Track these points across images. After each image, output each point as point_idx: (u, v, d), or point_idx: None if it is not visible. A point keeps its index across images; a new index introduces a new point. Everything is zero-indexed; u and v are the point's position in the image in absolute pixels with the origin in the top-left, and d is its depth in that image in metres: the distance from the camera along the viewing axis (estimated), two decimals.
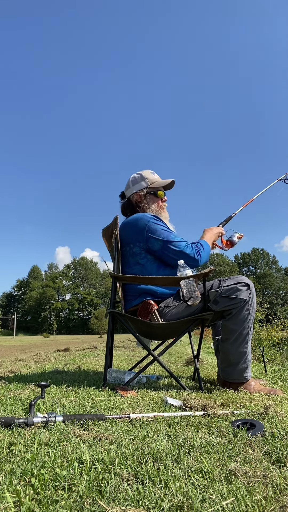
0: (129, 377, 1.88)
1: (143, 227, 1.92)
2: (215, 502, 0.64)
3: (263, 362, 2.74)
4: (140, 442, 0.95)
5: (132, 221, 1.99)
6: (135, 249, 1.95)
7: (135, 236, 1.95)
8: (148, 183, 2.11)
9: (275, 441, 0.95)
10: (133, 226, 1.97)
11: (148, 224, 1.92)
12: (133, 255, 1.97)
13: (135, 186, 2.12)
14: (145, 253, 1.94)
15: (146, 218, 1.95)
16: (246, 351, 1.75)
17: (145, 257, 1.95)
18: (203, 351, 5.09)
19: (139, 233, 1.93)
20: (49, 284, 76.94)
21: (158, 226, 1.92)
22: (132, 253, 1.97)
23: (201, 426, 1.11)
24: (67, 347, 8.16)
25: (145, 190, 2.10)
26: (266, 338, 10.13)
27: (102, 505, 0.64)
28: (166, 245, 1.89)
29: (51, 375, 2.45)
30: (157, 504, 0.64)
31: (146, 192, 2.09)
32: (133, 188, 2.12)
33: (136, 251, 1.95)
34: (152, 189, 2.10)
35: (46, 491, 0.68)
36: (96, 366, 3.22)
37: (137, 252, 1.95)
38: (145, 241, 1.92)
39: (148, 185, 2.10)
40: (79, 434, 1.02)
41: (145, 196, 2.09)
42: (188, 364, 3.36)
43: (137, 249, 1.95)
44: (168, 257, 1.91)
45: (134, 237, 1.95)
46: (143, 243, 1.93)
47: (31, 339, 34.34)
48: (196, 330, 6.76)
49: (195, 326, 1.87)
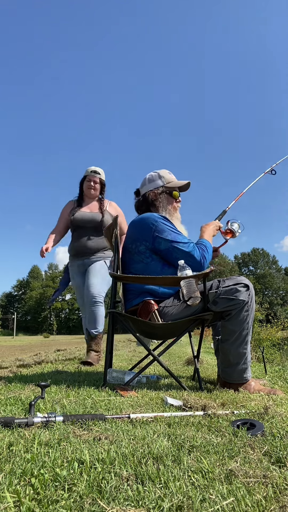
0: (129, 377, 1.88)
1: (150, 226, 1.92)
2: (215, 502, 0.64)
3: (263, 362, 2.74)
4: (140, 442, 0.95)
5: (140, 219, 1.99)
6: (141, 248, 1.95)
7: (142, 234, 1.95)
8: (164, 182, 2.11)
9: (275, 441, 0.95)
10: (140, 224, 1.97)
11: (156, 223, 1.92)
12: (138, 253, 1.96)
13: (151, 184, 2.12)
14: (150, 252, 1.94)
15: (154, 217, 1.94)
16: (246, 352, 1.75)
17: (150, 256, 1.94)
18: (203, 351, 5.08)
19: (145, 232, 1.93)
20: (49, 284, 76.90)
21: (166, 226, 1.92)
22: (137, 251, 1.97)
23: (201, 426, 1.11)
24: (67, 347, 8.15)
25: (161, 188, 2.10)
26: (266, 338, 10.14)
27: (102, 505, 0.64)
28: (173, 246, 1.89)
29: (51, 375, 2.45)
30: (157, 504, 0.64)
31: (162, 191, 2.09)
32: (149, 185, 2.12)
33: (141, 250, 1.95)
34: (167, 188, 2.10)
35: (46, 491, 0.68)
36: (96, 366, 3.22)
37: (142, 250, 1.95)
38: (152, 240, 1.91)
39: (164, 184, 2.11)
40: (79, 434, 1.02)
41: (160, 195, 2.09)
42: (188, 364, 3.36)
43: (142, 247, 1.95)
44: (173, 258, 1.90)
45: (141, 235, 1.95)
46: (149, 242, 1.92)
47: (31, 339, 34.31)
48: (196, 330, 6.76)
49: (195, 326, 1.87)
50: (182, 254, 1.88)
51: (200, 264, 1.90)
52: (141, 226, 1.96)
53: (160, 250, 1.92)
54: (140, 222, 1.98)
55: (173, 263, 1.92)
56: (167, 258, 1.93)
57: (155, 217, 1.94)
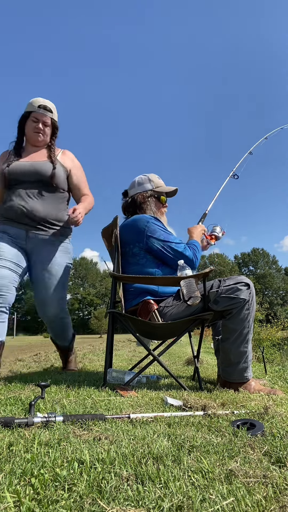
0: (129, 377, 1.88)
1: (143, 227, 1.96)
2: (215, 502, 0.64)
3: (263, 362, 2.74)
4: (140, 442, 0.95)
5: (132, 222, 2.03)
6: (135, 250, 1.99)
7: (135, 236, 1.98)
8: (153, 186, 2.17)
9: (275, 441, 0.95)
10: (133, 226, 2.01)
11: (148, 224, 1.96)
12: (133, 256, 2.00)
13: (140, 187, 2.17)
14: (144, 253, 1.98)
15: (145, 218, 1.99)
16: (247, 351, 1.76)
17: (144, 257, 1.98)
18: (203, 351, 5.08)
19: (138, 233, 1.97)
20: None
21: (157, 226, 1.97)
22: (131, 254, 2.01)
23: (201, 426, 1.11)
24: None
25: (150, 192, 2.15)
26: (266, 338, 10.15)
27: (102, 505, 0.64)
28: (167, 245, 1.94)
29: (51, 375, 2.45)
30: (157, 504, 0.64)
31: (150, 195, 2.15)
32: (137, 188, 2.17)
33: (135, 252, 1.99)
34: (156, 192, 2.16)
35: (46, 491, 0.68)
36: (96, 366, 3.22)
37: (136, 252, 1.99)
38: (145, 241, 1.95)
39: (153, 188, 2.16)
40: (79, 434, 1.02)
41: (148, 198, 2.14)
42: (188, 364, 3.36)
43: (136, 249, 1.99)
44: (167, 257, 1.95)
45: (134, 237, 1.99)
46: (143, 243, 1.96)
47: (31, 339, 34.29)
48: (196, 330, 6.76)
49: (195, 326, 1.87)
50: (175, 253, 1.93)
51: (193, 263, 1.96)
52: (133, 228, 2.00)
53: (153, 250, 1.96)
54: (132, 224, 2.02)
55: (167, 262, 1.97)
56: (161, 257, 1.97)
57: (147, 218, 1.99)
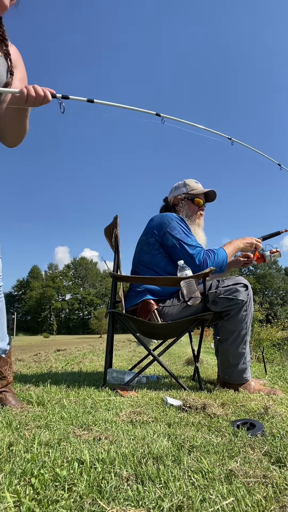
0: (129, 377, 1.88)
1: (164, 222, 2.00)
2: (215, 502, 0.64)
3: (263, 362, 2.74)
4: (140, 442, 0.95)
5: (159, 216, 2.10)
6: (151, 240, 2.03)
7: (155, 228, 2.03)
8: (188, 189, 2.20)
9: (275, 441, 0.95)
10: (157, 219, 2.07)
11: (171, 221, 2.00)
12: (148, 244, 2.04)
13: (176, 191, 2.23)
14: (159, 246, 2.01)
15: (171, 216, 2.03)
16: (245, 352, 1.76)
17: (158, 249, 2.01)
18: (203, 351, 5.08)
19: (159, 226, 2.01)
20: (49, 284, 76.99)
21: (178, 225, 1.99)
22: (147, 243, 2.04)
23: (201, 426, 1.11)
24: (67, 347, 8.14)
25: (183, 195, 2.18)
26: (266, 338, 10.13)
27: (102, 505, 0.63)
28: (180, 244, 1.94)
29: (51, 375, 2.45)
30: (157, 504, 0.64)
31: (184, 197, 2.18)
32: (174, 192, 2.24)
33: (151, 241, 2.03)
34: (190, 195, 2.18)
35: (46, 491, 0.68)
36: (96, 366, 3.23)
37: (151, 242, 2.02)
38: (162, 234, 1.98)
39: (188, 191, 2.19)
40: (79, 434, 1.02)
41: (182, 201, 2.17)
42: (188, 364, 3.36)
43: (152, 239, 2.02)
44: (178, 257, 1.94)
45: (154, 228, 2.03)
46: (159, 236, 2.00)
47: (31, 339, 34.31)
48: (196, 330, 6.75)
49: (195, 326, 1.87)
50: (185, 254, 1.92)
51: (199, 268, 1.91)
52: (157, 221, 2.05)
53: (167, 246, 1.97)
54: (157, 217, 2.08)
55: (175, 262, 1.95)
56: (172, 255, 1.97)
57: (173, 216, 2.02)
